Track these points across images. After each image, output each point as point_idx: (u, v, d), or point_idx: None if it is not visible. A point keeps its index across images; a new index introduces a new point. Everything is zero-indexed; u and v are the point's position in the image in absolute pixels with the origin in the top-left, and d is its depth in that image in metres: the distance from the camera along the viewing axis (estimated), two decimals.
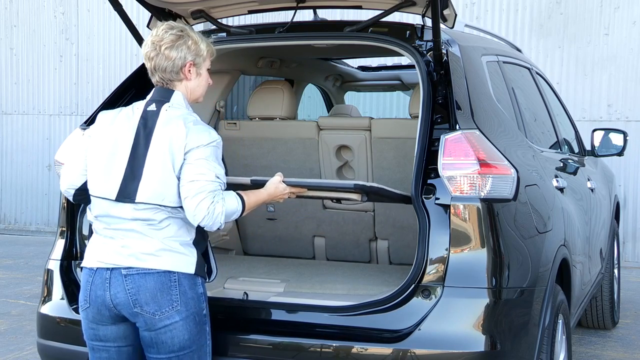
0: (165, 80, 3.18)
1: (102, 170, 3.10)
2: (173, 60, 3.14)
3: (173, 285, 3.02)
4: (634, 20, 9.73)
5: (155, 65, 3.16)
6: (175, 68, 3.15)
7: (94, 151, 3.14)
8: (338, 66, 6.47)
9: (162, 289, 3.01)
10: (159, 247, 3.03)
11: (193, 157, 3.03)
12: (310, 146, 4.85)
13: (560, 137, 5.21)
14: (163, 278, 3.02)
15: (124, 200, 3.03)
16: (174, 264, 3.04)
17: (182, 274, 3.05)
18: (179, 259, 3.05)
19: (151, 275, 3.01)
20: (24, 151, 12.33)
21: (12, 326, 6.45)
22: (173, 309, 3.02)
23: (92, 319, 3.13)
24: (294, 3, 4.09)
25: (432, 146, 3.41)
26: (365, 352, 3.27)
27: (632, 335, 6.43)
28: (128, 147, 3.07)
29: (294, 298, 3.64)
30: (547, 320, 3.58)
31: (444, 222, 3.29)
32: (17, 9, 12.31)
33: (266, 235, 5.00)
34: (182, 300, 3.03)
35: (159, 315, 3.01)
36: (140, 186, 3.02)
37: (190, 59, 3.16)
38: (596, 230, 5.43)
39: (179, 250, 3.06)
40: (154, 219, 3.03)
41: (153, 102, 3.15)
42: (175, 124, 3.06)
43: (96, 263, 3.09)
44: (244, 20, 8.52)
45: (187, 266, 3.06)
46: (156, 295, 3.01)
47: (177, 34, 3.15)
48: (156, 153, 3.04)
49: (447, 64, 3.63)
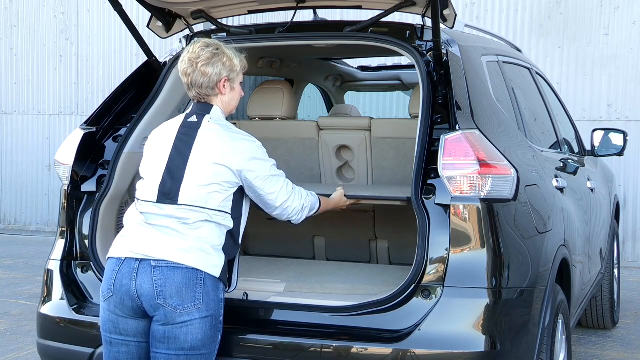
0: (202, 95, 3.33)
1: (147, 177, 3.29)
2: (209, 77, 3.28)
3: (199, 283, 3.10)
4: (634, 20, 9.74)
5: (192, 81, 3.30)
6: (211, 84, 3.29)
7: (142, 164, 3.38)
8: (338, 66, 6.47)
9: (188, 285, 3.08)
10: (191, 244, 3.13)
11: (255, 171, 3.26)
12: (310, 146, 4.85)
13: (560, 137, 5.21)
14: (191, 274, 3.09)
15: (165, 202, 3.18)
16: (202, 263, 3.12)
17: (208, 274, 3.13)
18: (208, 259, 3.14)
19: (180, 270, 3.08)
20: (24, 151, 12.33)
21: (12, 326, 6.45)
22: (195, 307, 3.09)
23: (113, 310, 3.16)
24: (294, 3, 4.09)
25: (432, 146, 3.42)
26: (365, 352, 3.27)
27: (632, 335, 6.43)
28: (167, 152, 3.25)
29: (294, 298, 3.64)
30: (547, 320, 3.58)
31: (444, 222, 3.29)
32: (17, 9, 12.31)
33: (266, 235, 4.99)
34: (205, 300, 3.11)
35: (180, 310, 3.07)
36: (182, 188, 3.18)
37: (225, 74, 3.31)
38: (596, 230, 5.43)
39: (209, 251, 3.15)
40: (189, 217, 3.15)
41: (194, 115, 3.32)
42: (220, 134, 3.25)
43: (127, 253, 3.17)
44: (244, 20, 8.52)
45: (213, 268, 3.15)
46: (181, 289, 3.07)
47: (213, 51, 3.29)
48: (200, 159, 3.20)
49: (447, 64, 3.63)
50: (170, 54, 4.27)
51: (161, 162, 3.25)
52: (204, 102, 3.35)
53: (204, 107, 3.34)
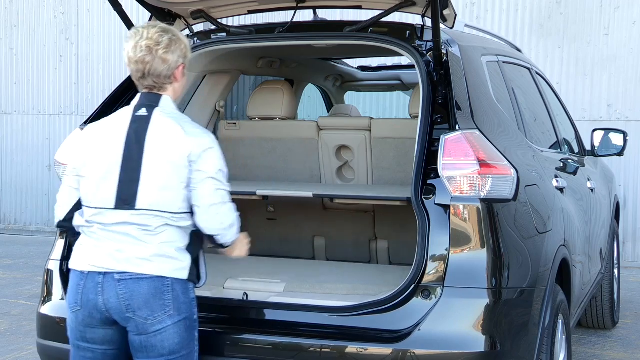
0: (159, 84, 3.10)
1: (96, 181, 3.05)
2: (169, 64, 3.07)
3: (166, 290, 2.99)
4: (634, 20, 9.73)
5: (149, 69, 3.06)
6: (170, 71, 3.08)
7: (85, 167, 3.09)
8: (338, 66, 6.47)
9: (156, 294, 2.98)
10: (153, 252, 2.99)
11: (201, 164, 3.02)
12: (310, 146, 4.85)
13: (560, 137, 5.20)
14: (157, 283, 2.98)
15: (124, 208, 2.99)
16: (167, 269, 3.00)
17: (176, 279, 3.01)
18: (173, 264, 3.02)
19: (145, 281, 2.97)
20: (24, 151, 12.33)
21: (12, 326, 6.45)
22: (165, 314, 2.99)
23: (82, 322, 3.07)
24: (294, 3, 4.09)
25: (432, 146, 3.41)
26: (365, 352, 3.27)
27: (632, 335, 6.42)
28: (119, 154, 3.02)
29: (293, 298, 3.64)
30: (547, 320, 3.58)
31: (443, 222, 3.29)
32: (17, 9, 12.31)
33: (266, 235, 4.99)
34: (175, 305, 3.00)
35: (152, 320, 2.98)
36: (139, 192, 2.98)
37: (182, 61, 3.12)
38: (596, 230, 5.43)
39: (173, 255, 3.02)
40: (150, 224, 2.99)
41: (143, 107, 3.08)
42: (172, 128, 3.03)
43: (88, 267, 3.04)
44: (244, 20, 8.52)
45: (180, 272, 3.03)
46: (149, 300, 2.97)
47: (172, 37, 3.08)
48: (154, 158, 2.99)
49: (447, 64, 3.63)
50: None
51: (114, 164, 3.01)
52: (153, 92, 3.11)
53: (153, 98, 3.09)
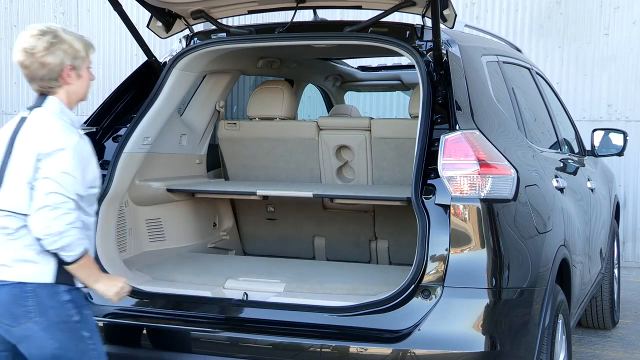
0: (46, 87, 2.98)
1: None
2: (49, 68, 2.93)
3: (27, 295, 2.86)
4: (634, 20, 9.73)
5: (30, 74, 2.96)
6: (53, 75, 2.95)
7: None
8: (338, 66, 6.47)
9: (16, 301, 2.86)
10: (13, 257, 2.89)
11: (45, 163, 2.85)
12: (310, 146, 4.85)
13: (560, 137, 5.21)
14: (16, 289, 2.87)
15: None
16: (27, 274, 2.87)
17: (39, 284, 2.87)
18: (34, 268, 2.88)
19: (5, 287, 2.88)
20: None
21: None
22: (30, 320, 2.87)
23: None
24: (294, 3, 4.09)
25: (432, 146, 3.42)
26: (365, 352, 3.27)
27: (632, 335, 6.42)
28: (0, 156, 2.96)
29: (293, 298, 3.63)
30: (547, 320, 3.57)
31: (443, 222, 3.29)
32: (17, 9, 12.31)
33: (266, 235, 4.99)
34: (40, 311, 2.86)
35: (16, 326, 2.88)
36: (1, 192, 2.90)
37: (69, 63, 2.96)
38: (596, 230, 5.43)
39: (34, 259, 2.88)
40: (9, 226, 2.89)
41: (30, 109, 3.02)
42: (37, 128, 2.93)
43: None
44: (244, 20, 8.52)
45: (42, 276, 2.88)
46: (10, 307, 2.87)
47: (51, 40, 2.92)
48: (17, 159, 2.91)
49: (447, 64, 3.63)
50: (170, 54, 4.28)
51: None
52: (44, 94, 3.00)
53: (40, 101, 2.99)
